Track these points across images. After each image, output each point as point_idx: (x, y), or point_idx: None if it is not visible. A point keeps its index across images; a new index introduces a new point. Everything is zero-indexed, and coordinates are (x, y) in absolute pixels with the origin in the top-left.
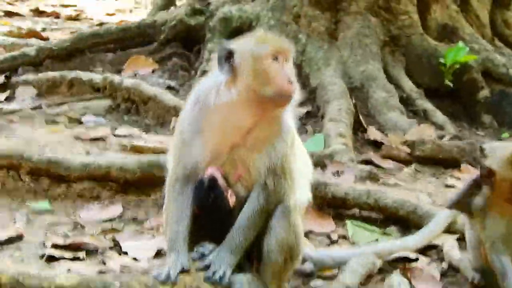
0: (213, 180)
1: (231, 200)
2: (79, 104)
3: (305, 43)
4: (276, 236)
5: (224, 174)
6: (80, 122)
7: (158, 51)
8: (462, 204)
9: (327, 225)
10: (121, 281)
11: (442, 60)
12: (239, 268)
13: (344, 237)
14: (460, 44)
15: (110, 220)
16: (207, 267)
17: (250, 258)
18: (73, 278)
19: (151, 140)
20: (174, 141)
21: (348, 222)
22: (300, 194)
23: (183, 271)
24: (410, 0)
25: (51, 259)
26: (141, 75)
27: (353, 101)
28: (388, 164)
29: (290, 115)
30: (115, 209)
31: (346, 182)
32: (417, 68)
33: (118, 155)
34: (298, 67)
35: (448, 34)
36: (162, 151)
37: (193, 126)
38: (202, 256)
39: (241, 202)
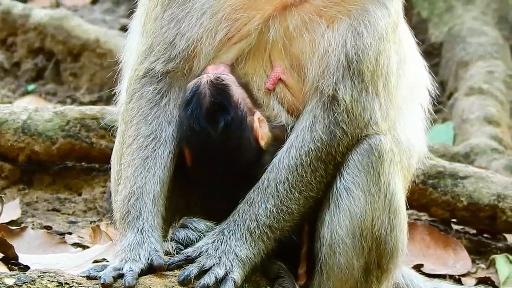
0: (220, 89)
1: (260, 134)
2: None
3: None
4: (349, 208)
5: (243, 76)
6: None
7: None
8: None
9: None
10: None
11: None
12: (268, 278)
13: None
14: None
15: None
16: (190, 262)
17: (296, 258)
18: None
19: None
20: (143, 9)
21: (496, 257)
22: (407, 133)
23: (150, 268)
24: None
25: None
26: (71, 6)
27: None
28: None
29: None
30: None
31: None
32: None
33: None
34: None
35: None
36: None
37: None
38: (188, 242)
39: (279, 139)
